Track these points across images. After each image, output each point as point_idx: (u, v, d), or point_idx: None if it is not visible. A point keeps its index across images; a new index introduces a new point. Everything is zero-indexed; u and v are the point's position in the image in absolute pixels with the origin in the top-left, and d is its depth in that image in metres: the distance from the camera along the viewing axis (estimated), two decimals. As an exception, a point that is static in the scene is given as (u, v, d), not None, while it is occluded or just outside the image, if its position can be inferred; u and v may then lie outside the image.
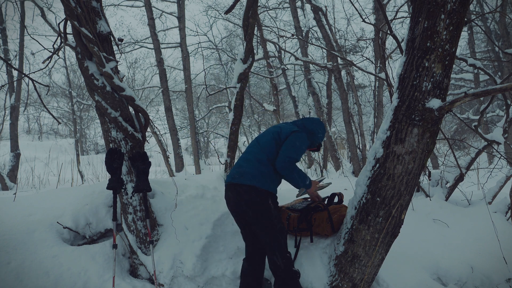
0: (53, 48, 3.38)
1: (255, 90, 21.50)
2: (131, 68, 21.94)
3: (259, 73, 14.15)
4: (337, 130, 16.31)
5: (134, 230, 3.20)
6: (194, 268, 3.12)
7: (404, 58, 2.48)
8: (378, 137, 2.63)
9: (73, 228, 3.33)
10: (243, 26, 3.93)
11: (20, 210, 3.44)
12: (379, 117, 11.41)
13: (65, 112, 24.67)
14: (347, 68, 11.04)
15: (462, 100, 2.30)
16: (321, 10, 10.76)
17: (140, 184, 3.08)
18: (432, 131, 2.45)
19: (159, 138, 11.92)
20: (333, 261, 2.94)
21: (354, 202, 2.78)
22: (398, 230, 2.68)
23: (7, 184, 10.13)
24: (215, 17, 20.78)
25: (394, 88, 2.57)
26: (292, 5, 12.63)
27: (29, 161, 13.26)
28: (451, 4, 2.25)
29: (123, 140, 3.12)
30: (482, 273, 3.33)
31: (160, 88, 13.16)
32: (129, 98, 3.15)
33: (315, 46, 14.45)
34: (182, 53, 13.58)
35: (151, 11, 12.61)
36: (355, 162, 11.22)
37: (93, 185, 4.12)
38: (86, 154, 22.91)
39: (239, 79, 4.06)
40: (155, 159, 17.57)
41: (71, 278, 2.89)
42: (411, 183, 2.56)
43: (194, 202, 3.79)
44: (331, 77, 14.04)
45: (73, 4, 2.89)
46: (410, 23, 2.45)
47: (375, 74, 7.02)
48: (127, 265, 3.28)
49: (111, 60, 3.10)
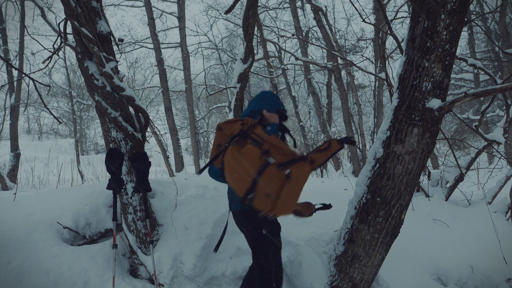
0: (53, 48, 3.38)
1: (255, 90, 21.49)
2: (131, 68, 21.96)
3: (259, 73, 14.15)
4: (337, 130, 16.31)
5: (134, 230, 3.20)
6: (194, 268, 3.12)
7: (404, 58, 2.48)
8: (378, 137, 2.63)
9: (73, 228, 3.33)
10: (243, 26, 3.93)
11: (20, 210, 3.44)
12: (379, 117, 11.41)
13: (65, 112, 24.68)
14: (347, 68, 11.04)
15: (462, 100, 2.30)
16: (321, 10, 10.76)
17: (140, 184, 3.08)
18: (432, 131, 2.45)
19: (159, 138, 11.92)
20: (333, 261, 2.94)
21: (354, 202, 2.78)
22: (398, 230, 2.68)
23: (7, 184, 10.12)
24: (215, 17, 20.77)
25: (394, 88, 2.57)
26: (292, 5, 12.64)
27: (29, 161, 13.26)
28: (451, 4, 2.26)
29: (123, 140, 3.12)
30: (482, 273, 3.33)
31: (160, 88, 13.17)
32: (129, 98, 3.15)
33: (315, 46, 14.45)
34: (182, 53, 13.58)
35: (151, 11, 12.62)
36: (355, 162, 11.22)
37: (93, 185, 4.12)
38: (86, 154, 22.91)
39: (239, 79, 4.06)
40: (155, 159, 17.55)
41: (71, 278, 2.88)
42: (411, 183, 2.56)
43: (194, 202, 3.79)
44: (331, 77, 14.04)
45: (73, 4, 2.89)
46: (410, 23, 2.45)
47: (375, 74, 7.02)
48: (127, 265, 3.28)
49: (111, 60, 3.10)
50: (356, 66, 5.64)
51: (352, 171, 11.51)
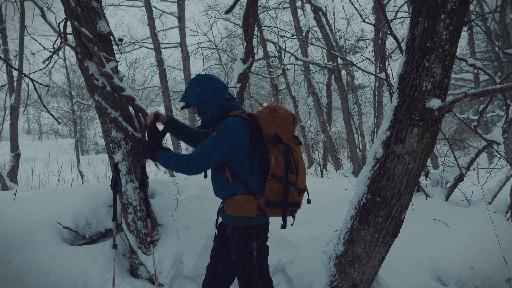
0: (53, 48, 3.38)
1: (255, 90, 21.49)
2: (131, 68, 21.98)
3: (259, 73, 14.18)
4: (337, 130, 16.32)
5: (134, 230, 3.20)
6: (194, 268, 3.12)
7: (404, 58, 2.48)
8: (378, 137, 2.63)
9: (73, 228, 3.33)
10: (243, 26, 3.93)
11: (20, 210, 3.44)
12: (379, 117, 11.41)
13: (65, 112, 24.69)
14: (347, 68, 11.05)
15: (462, 100, 2.30)
16: (321, 10, 10.77)
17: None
18: (432, 131, 2.45)
19: (159, 138, 11.90)
20: (333, 261, 2.94)
21: (354, 202, 2.78)
22: (398, 230, 2.68)
23: (7, 184, 10.11)
24: (215, 17, 20.78)
25: (394, 88, 2.57)
26: (292, 5, 12.64)
27: (29, 161, 13.25)
28: (451, 4, 2.26)
29: (123, 140, 3.12)
30: (482, 273, 3.33)
31: (160, 88, 13.17)
32: (129, 98, 3.15)
33: (315, 46, 14.46)
34: (182, 53, 13.59)
35: (151, 11, 12.62)
36: (355, 162, 11.22)
37: (93, 185, 4.12)
38: (86, 154, 22.90)
39: (239, 79, 4.06)
40: (155, 159, 17.54)
41: (71, 278, 2.89)
42: (411, 183, 2.56)
43: (194, 202, 3.79)
44: (331, 77, 14.06)
45: (73, 4, 2.89)
46: (410, 23, 2.45)
47: (375, 74, 7.02)
48: (127, 265, 3.28)
49: (111, 60, 3.10)
50: (356, 66, 5.64)
51: (352, 171, 11.51)
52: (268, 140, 2.21)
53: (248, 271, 2.29)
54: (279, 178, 2.21)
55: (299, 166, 2.25)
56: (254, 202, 2.22)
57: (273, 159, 2.21)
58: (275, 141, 2.21)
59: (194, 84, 2.32)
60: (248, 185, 2.23)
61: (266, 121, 2.21)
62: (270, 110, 2.25)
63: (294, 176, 2.23)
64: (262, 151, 2.25)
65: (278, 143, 2.21)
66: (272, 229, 3.30)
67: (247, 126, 2.20)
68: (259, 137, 2.22)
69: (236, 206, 2.22)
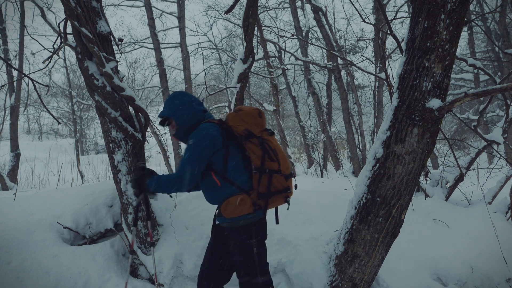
0: (53, 48, 3.38)
1: (255, 90, 21.48)
2: (131, 68, 21.95)
3: (259, 73, 14.16)
4: (337, 130, 16.31)
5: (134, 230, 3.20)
6: (194, 268, 3.12)
7: (404, 58, 2.48)
8: (378, 137, 2.63)
9: (73, 228, 3.33)
10: (243, 26, 3.93)
11: (20, 210, 3.45)
12: (379, 117, 11.41)
13: (65, 112, 24.67)
14: (347, 68, 11.04)
15: (462, 100, 2.30)
16: (321, 10, 10.77)
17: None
18: (432, 131, 2.45)
19: (159, 138, 11.90)
20: (333, 261, 2.94)
21: (354, 202, 2.78)
22: (398, 230, 2.68)
23: (7, 184, 10.11)
24: (215, 17, 20.75)
25: (394, 88, 2.57)
26: (292, 5, 12.64)
27: (29, 161, 13.25)
28: (451, 4, 2.26)
29: (123, 140, 3.12)
30: (482, 273, 3.33)
31: (160, 88, 13.16)
32: (129, 98, 3.15)
33: (315, 46, 14.46)
34: (182, 53, 13.58)
35: (151, 11, 12.61)
36: (355, 162, 11.22)
37: (93, 185, 4.12)
38: (86, 154, 22.88)
39: (239, 79, 4.06)
40: (155, 159, 17.56)
41: (71, 278, 2.89)
42: (411, 183, 2.56)
43: (194, 202, 3.79)
44: (331, 77, 14.05)
45: (73, 4, 2.89)
46: (410, 23, 2.45)
47: (375, 74, 7.02)
48: (127, 265, 3.28)
49: (111, 60, 3.10)
50: (356, 66, 5.64)
51: (352, 171, 11.50)
52: (241, 137, 2.32)
53: (249, 267, 2.34)
54: (262, 170, 2.29)
55: (278, 154, 2.35)
56: (248, 199, 2.28)
57: (251, 153, 2.30)
58: (248, 136, 2.32)
59: (170, 99, 2.52)
60: (238, 184, 2.31)
61: (235, 121, 2.36)
62: (236, 111, 2.42)
63: (276, 163, 2.33)
64: (240, 149, 2.34)
65: (251, 138, 2.32)
66: (272, 229, 3.31)
67: (219, 128, 2.34)
68: (233, 137, 2.34)
69: (233, 207, 2.28)
